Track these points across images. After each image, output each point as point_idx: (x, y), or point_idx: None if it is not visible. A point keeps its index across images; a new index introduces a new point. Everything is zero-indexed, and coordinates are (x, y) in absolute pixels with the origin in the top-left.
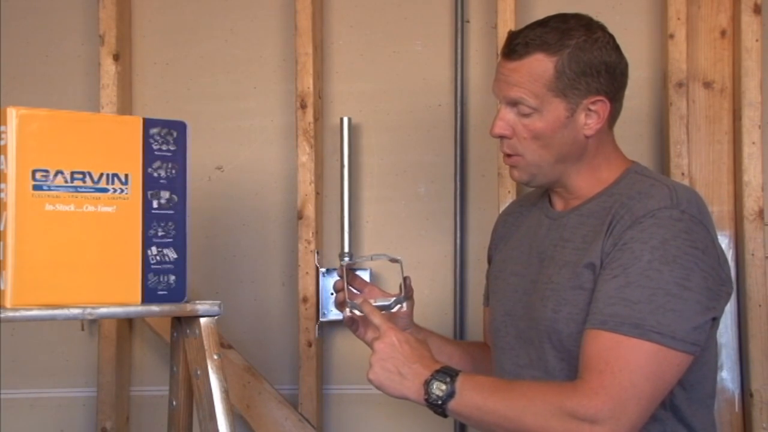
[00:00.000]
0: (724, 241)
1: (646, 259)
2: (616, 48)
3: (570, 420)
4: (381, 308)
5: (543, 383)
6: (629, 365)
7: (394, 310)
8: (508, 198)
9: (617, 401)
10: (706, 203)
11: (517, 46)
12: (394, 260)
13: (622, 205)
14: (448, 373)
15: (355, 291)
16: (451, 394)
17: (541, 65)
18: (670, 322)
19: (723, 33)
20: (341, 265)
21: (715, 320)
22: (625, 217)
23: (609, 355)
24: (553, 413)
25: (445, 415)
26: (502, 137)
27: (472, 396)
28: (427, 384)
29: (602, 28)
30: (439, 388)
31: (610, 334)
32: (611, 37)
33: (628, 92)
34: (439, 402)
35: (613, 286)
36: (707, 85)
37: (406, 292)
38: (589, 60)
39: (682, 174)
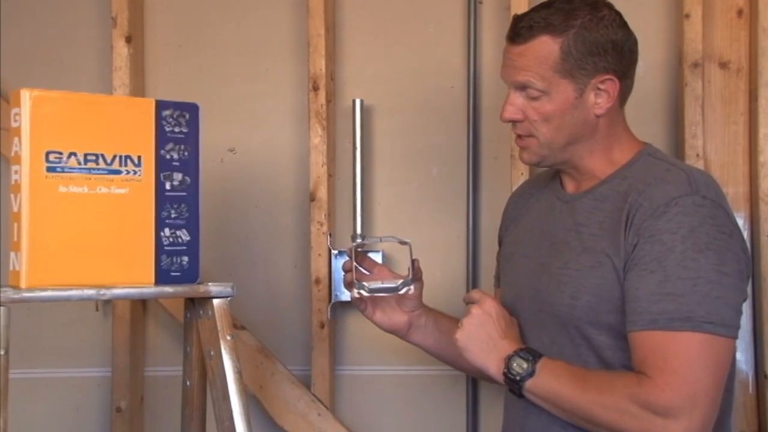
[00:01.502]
0: (739, 223)
1: (679, 249)
2: (623, 25)
3: (643, 411)
4: (388, 290)
5: (613, 375)
6: (688, 360)
7: (401, 292)
8: (521, 180)
9: (686, 397)
10: (721, 186)
11: (521, 29)
12: (403, 242)
13: (639, 192)
14: (531, 353)
15: (364, 271)
16: (530, 373)
17: (546, 47)
18: (718, 310)
19: (740, 12)
20: (350, 246)
21: (744, 302)
22: (644, 205)
23: (666, 353)
24: (626, 406)
25: (521, 395)
26: (513, 121)
27: (550, 380)
28: (509, 359)
29: (608, 6)
30: (520, 366)
31: (662, 332)
32: (618, 14)
33: (642, 73)
34: (518, 378)
35: (653, 281)
36: (723, 65)
37: (415, 275)
38: (595, 39)
39: (697, 155)
